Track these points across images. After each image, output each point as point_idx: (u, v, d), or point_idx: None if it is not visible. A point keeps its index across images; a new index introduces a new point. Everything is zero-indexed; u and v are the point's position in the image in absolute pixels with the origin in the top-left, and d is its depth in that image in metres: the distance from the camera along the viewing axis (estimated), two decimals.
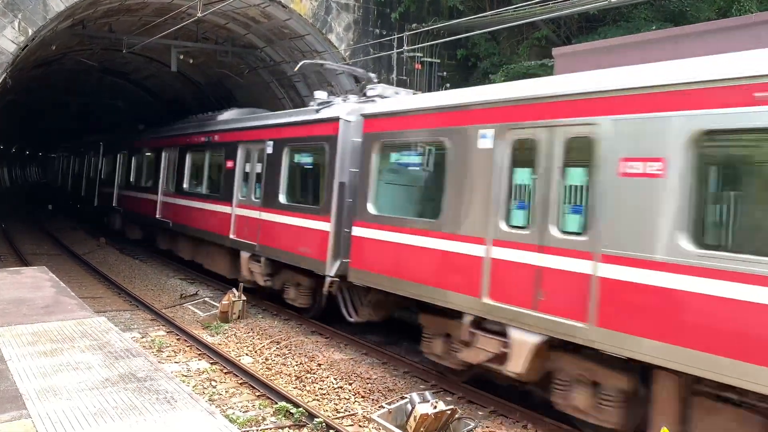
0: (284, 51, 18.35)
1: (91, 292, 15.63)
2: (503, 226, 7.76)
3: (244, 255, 13.66)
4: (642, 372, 6.65)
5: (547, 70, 13.12)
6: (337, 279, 10.80)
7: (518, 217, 7.73)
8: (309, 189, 12.43)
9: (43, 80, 26.58)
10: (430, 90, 17.15)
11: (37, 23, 13.33)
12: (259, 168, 13.52)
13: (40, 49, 16.95)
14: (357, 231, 10.19)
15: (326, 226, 11.00)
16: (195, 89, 25.43)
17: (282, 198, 12.56)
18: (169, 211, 18.21)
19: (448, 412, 7.17)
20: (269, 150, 13.06)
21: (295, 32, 17.05)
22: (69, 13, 14.32)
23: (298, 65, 14.01)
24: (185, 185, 17.39)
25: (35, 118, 43.82)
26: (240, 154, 14.25)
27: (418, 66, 17.32)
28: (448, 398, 8.68)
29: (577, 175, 7.15)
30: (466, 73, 17.86)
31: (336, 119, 11.07)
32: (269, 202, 12.85)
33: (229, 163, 14.66)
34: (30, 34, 13.30)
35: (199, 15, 14.22)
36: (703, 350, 5.69)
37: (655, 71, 6.53)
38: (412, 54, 17.16)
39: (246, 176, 14.04)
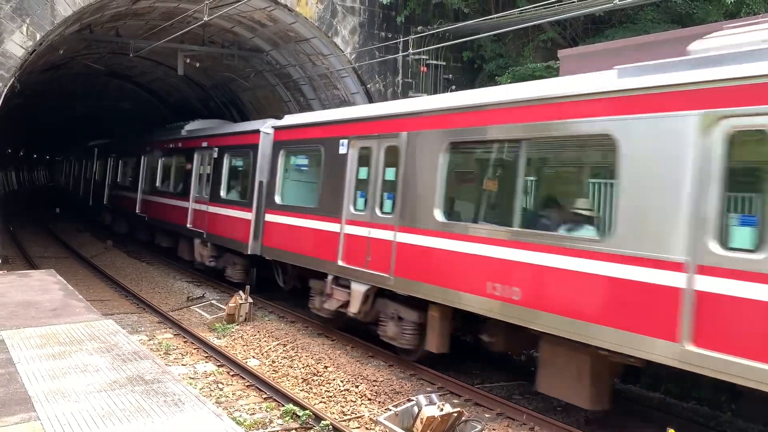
0: (290, 54, 18.40)
1: (99, 295, 15.69)
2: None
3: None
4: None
5: (553, 72, 13.10)
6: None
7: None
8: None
9: (50, 84, 26.71)
10: (436, 92, 17.15)
11: (45, 28, 13.41)
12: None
13: (48, 53, 17.04)
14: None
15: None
16: (201, 92, 25.50)
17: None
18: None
19: (455, 414, 7.16)
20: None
21: (300, 35, 17.09)
22: (76, 18, 14.40)
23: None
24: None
25: (42, 121, 44.02)
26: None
27: (423, 69, 17.33)
28: (455, 400, 8.67)
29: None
30: (471, 76, 17.86)
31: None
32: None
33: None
34: (38, 38, 13.37)
35: (205, 19, 14.27)
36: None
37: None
38: (417, 57, 17.17)
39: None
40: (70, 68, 23.43)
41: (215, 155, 16.29)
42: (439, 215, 8.92)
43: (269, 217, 13.29)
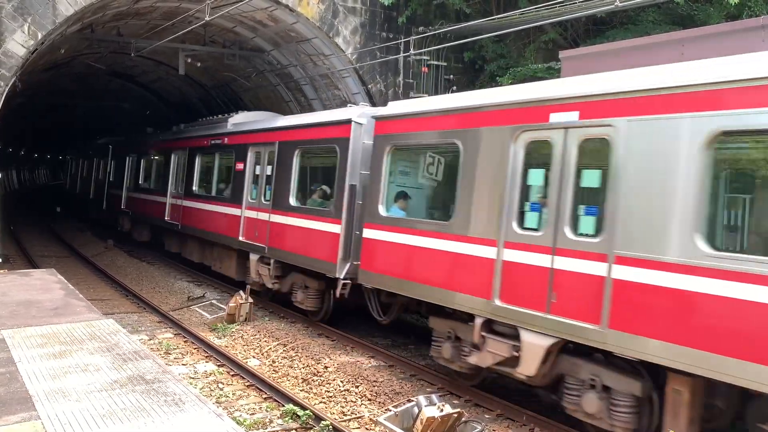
0: (291, 54, 18.41)
1: (99, 295, 15.70)
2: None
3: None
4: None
5: (554, 73, 13.11)
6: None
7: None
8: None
9: (51, 83, 26.71)
10: (437, 93, 17.15)
11: (47, 27, 13.42)
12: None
13: (49, 52, 17.06)
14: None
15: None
16: (202, 92, 25.52)
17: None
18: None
19: (455, 415, 7.16)
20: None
21: (302, 36, 17.10)
22: (78, 17, 14.41)
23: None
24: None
25: (43, 121, 44.03)
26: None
27: (425, 69, 17.34)
28: (455, 401, 8.68)
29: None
30: (472, 76, 17.86)
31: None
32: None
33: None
34: (39, 38, 13.39)
35: (206, 19, 14.28)
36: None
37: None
38: (419, 57, 17.18)
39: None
40: (72, 68, 23.45)
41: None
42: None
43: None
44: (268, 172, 13.71)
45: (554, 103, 7.43)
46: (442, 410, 7.04)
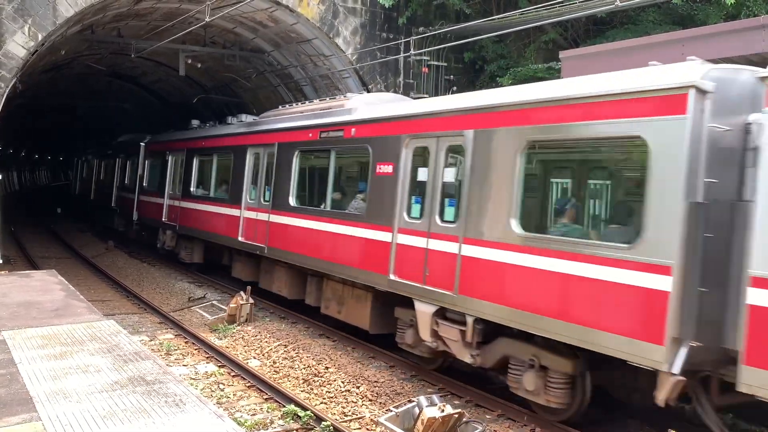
0: (291, 55, 18.41)
1: (100, 296, 15.71)
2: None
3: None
4: None
5: (555, 73, 13.11)
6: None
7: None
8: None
9: (51, 85, 26.73)
10: (437, 94, 17.17)
11: (47, 28, 13.43)
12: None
13: (50, 53, 17.07)
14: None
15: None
16: (202, 93, 25.52)
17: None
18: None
19: (456, 415, 7.16)
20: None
21: (302, 36, 17.11)
22: (78, 18, 14.42)
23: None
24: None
25: (44, 121, 44.04)
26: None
27: (425, 70, 17.35)
28: (456, 402, 8.67)
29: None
30: (473, 77, 17.87)
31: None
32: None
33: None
34: (40, 39, 13.40)
35: (206, 20, 14.29)
36: None
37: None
38: (419, 58, 17.19)
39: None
40: (72, 69, 23.47)
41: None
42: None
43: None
44: (449, 178, 8.94)
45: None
46: (443, 411, 7.04)
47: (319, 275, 12.03)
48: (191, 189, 17.71)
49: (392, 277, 9.57)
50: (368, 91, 17.07)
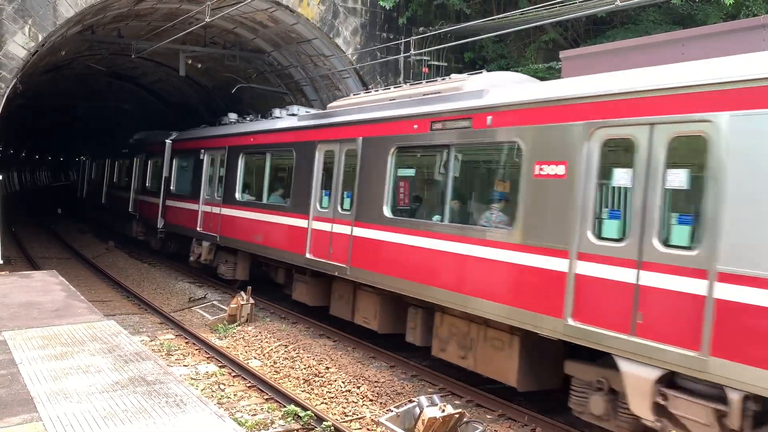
0: (292, 55, 18.41)
1: (101, 296, 15.71)
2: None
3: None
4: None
5: (555, 73, 13.11)
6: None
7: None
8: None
9: (52, 85, 26.74)
10: None
11: (48, 29, 13.43)
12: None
13: (50, 54, 17.07)
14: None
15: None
16: (203, 93, 25.54)
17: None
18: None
19: (456, 415, 7.16)
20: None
21: (302, 36, 17.11)
22: (78, 19, 14.43)
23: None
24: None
25: (44, 122, 44.06)
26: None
27: (425, 70, 17.34)
28: (456, 402, 8.67)
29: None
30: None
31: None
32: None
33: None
34: (40, 39, 13.40)
35: (207, 20, 14.29)
36: None
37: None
38: (419, 58, 17.18)
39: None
40: (72, 69, 23.47)
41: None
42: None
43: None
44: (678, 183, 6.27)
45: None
46: (443, 411, 7.04)
47: (428, 307, 9.48)
48: (236, 194, 14.91)
49: (571, 321, 6.84)
50: (368, 92, 17.06)
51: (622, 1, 9.88)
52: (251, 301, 12.98)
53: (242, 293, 13.04)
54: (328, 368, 10.01)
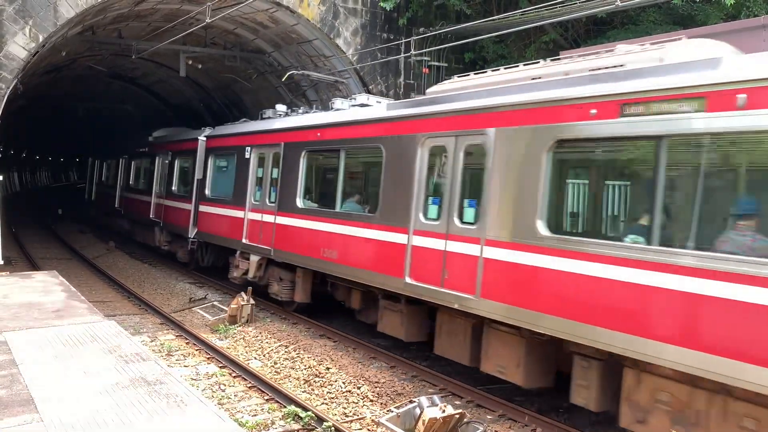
0: (292, 56, 18.43)
1: (101, 296, 15.72)
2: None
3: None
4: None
5: None
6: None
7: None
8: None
9: (52, 85, 26.76)
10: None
11: (48, 30, 13.45)
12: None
13: (51, 55, 17.09)
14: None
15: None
16: (203, 94, 25.56)
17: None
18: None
19: (457, 415, 7.16)
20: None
21: (302, 37, 17.12)
22: (79, 20, 14.44)
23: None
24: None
25: (44, 122, 44.08)
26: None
27: (425, 70, 17.35)
28: (457, 402, 8.68)
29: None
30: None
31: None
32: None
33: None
34: (41, 40, 13.41)
35: (207, 20, 14.30)
36: None
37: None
38: (419, 58, 17.19)
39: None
40: (73, 70, 23.49)
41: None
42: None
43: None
44: None
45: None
46: (443, 411, 7.04)
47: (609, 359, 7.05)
48: (296, 199, 12.48)
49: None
50: (369, 92, 17.11)
51: (622, 2, 9.89)
52: (252, 301, 12.99)
53: (243, 294, 13.05)
54: (328, 369, 10.01)
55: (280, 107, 14.97)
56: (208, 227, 16.32)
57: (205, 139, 17.36)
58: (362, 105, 12.06)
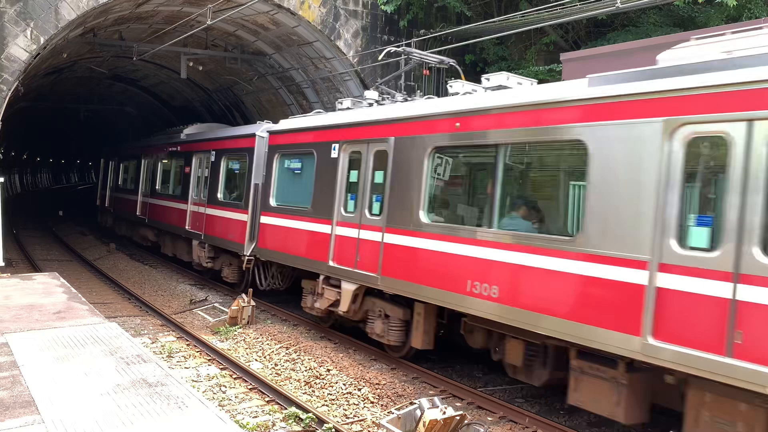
0: (293, 58, 18.45)
1: (102, 298, 15.73)
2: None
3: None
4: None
5: (556, 75, 13.13)
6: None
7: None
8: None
9: (53, 87, 26.80)
10: (438, 96, 17.17)
11: (49, 32, 13.47)
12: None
13: (52, 57, 17.11)
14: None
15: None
16: (204, 95, 25.58)
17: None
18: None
19: (457, 417, 7.16)
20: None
21: (303, 39, 17.15)
22: (80, 22, 14.46)
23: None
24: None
25: (46, 124, 44.12)
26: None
27: (426, 72, 17.36)
28: (458, 404, 8.68)
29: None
30: (474, 79, 17.87)
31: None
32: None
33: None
34: (42, 42, 13.44)
35: (208, 23, 14.32)
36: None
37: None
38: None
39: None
40: (74, 72, 23.53)
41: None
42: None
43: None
44: None
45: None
46: (444, 413, 7.04)
47: None
48: (417, 213, 9.25)
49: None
50: None
51: (622, 3, 9.91)
52: (252, 303, 12.99)
53: (243, 295, 13.05)
54: (329, 370, 10.01)
55: (370, 93, 12.14)
56: (273, 243, 13.05)
57: (266, 135, 14.21)
58: (499, 87, 9.18)
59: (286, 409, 8.35)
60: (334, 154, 11.38)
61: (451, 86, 9.82)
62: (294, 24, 16.53)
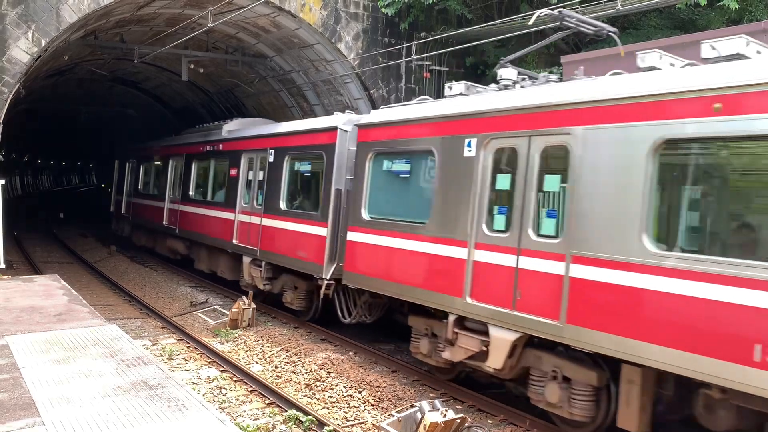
0: (294, 60, 18.47)
1: (103, 300, 15.73)
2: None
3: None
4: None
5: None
6: None
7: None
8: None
9: (54, 90, 26.83)
10: (439, 98, 17.18)
11: (51, 34, 13.49)
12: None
13: (53, 59, 17.14)
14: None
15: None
16: (205, 98, 25.61)
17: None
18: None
19: (458, 420, 7.16)
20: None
21: (304, 41, 17.16)
22: (81, 24, 14.48)
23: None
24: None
25: (47, 126, 44.16)
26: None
27: (426, 75, 17.38)
28: (458, 406, 8.67)
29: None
30: (474, 81, 17.88)
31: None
32: None
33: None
34: (43, 44, 13.45)
35: (209, 25, 14.35)
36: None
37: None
38: (420, 63, 17.22)
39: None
40: (75, 74, 23.55)
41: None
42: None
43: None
44: None
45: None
46: (445, 415, 7.04)
47: None
48: (641, 236, 6.37)
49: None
50: (370, 96, 17.15)
51: (623, 5, 9.91)
52: (253, 305, 12.99)
53: (243, 298, 13.05)
54: (329, 373, 10.01)
55: (507, 72, 9.11)
56: (368, 267, 10.34)
57: (350, 128, 11.61)
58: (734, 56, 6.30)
59: (286, 411, 8.35)
60: (468, 153, 8.66)
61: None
62: (295, 26, 16.55)
